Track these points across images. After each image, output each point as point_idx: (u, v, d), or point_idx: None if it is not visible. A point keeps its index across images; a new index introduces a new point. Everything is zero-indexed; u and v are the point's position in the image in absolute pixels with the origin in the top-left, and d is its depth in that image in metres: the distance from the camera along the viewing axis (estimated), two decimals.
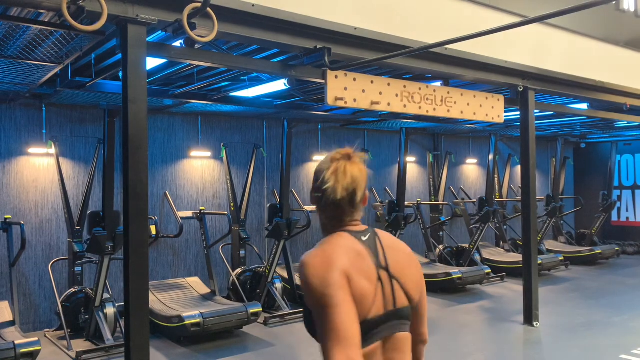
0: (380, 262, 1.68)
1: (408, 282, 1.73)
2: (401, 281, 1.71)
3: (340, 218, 1.74)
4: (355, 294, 1.57)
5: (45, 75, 5.75)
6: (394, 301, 1.68)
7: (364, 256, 1.66)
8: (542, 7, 6.04)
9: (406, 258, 1.78)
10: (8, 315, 6.25)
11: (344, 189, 1.69)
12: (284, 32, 4.68)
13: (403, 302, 1.70)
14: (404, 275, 1.72)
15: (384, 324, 1.65)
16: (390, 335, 1.67)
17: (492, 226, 11.76)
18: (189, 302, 7.23)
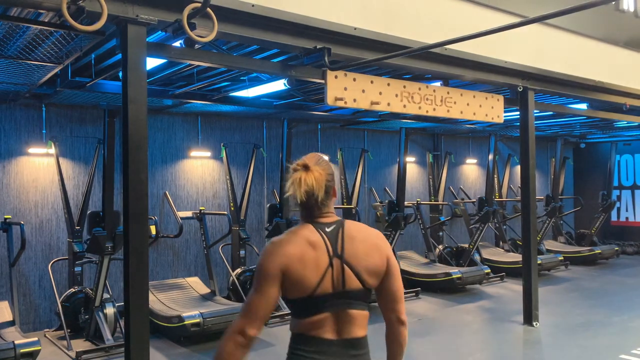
0: (336, 251, 2.01)
1: (362, 269, 2.02)
2: (354, 267, 2.01)
3: (310, 212, 2.08)
4: (291, 278, 1.97)
5: (45, 75, 5.75)
6: (343, 283, 2.00)
7: (317, 246, 2.00)
8: (541, 7, 6.04)
9: (366, 248, 2.05)
10: (8, 315, 6.25)
11: (303, 194, 2.00)
12: (284, 32, 4.69)
13: (353, 285, 2.01)
14: (359, 263, 2.02)
15: (332, 300, 1.99)
16: (341, 310, 2.01)
17: (492, 226, 11.77)
18: (189, 302, 7.23)
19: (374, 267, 2.06)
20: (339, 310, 2.02)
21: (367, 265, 2.04)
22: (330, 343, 2.02)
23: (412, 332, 6.86)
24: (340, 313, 2.02)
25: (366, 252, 2.05)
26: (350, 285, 2.01)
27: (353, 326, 2.05)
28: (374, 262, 2.06)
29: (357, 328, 2.06)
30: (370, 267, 2.05)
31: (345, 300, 2.02)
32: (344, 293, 2.01)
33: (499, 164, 12.22)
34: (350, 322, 2.04)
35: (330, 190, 2.10)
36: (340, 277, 2.00)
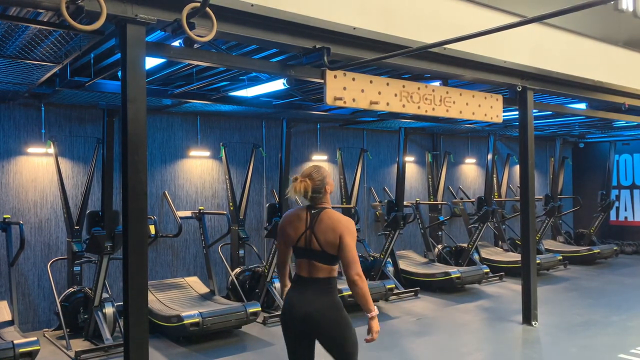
0: (309, 225, 3.35)
1: (321, 239, 3.28)
2: (317, 237, 3.30)
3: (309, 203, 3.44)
4: (285, 235, 3.46)
5: (44, 75, 5.75)
6: (310, 244, 3.32)
7: (301, 219, 3.38)
8: (541, 7, 6.04)
9: (326, 227, 3.29)
10: (7, 315, 6.25)
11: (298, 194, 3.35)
12: (283, 31, 4.69)
13: (315, 246, 3.29)
14: (320, 235, 3.29)
15: (304, 252, 3.35)
16: (310, 259, 3.33)
17: (491, 226, 11.78)
18: (188, 302, 7.23)
19: (329, 240, 3.26)
20: (308, 260, 3.34)
21: (325, 238, 3.27)
22: (304, 278, 3.37)
23: (411, 331, 6.90)
24: (310, 261, 3.33)
25: (325, 230, 3.29)
26: (313, 246, 3.30)
27: (316, 271, 3.31)
28: (329, 237, 3.27)
29: (319, 272, 3.31)
30: (327, 239, 3.27)
31: (310, 253, 3.32)
32: (309, 250, 3.32)
33: (498, 164, 12.23)
34: (315, 268, 3.31)
35: (322, 190, 3.39)
36: (309, 240, 3.32)
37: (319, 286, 3.30)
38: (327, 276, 3.30)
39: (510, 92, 7.29)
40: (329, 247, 3.25)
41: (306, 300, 3.28)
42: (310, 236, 3.30)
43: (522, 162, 7.27)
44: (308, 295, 3.29)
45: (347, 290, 7.61)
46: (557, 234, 13.31)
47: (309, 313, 3.26)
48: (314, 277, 3.31)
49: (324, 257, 3.28)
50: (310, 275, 3.32)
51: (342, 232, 3.24)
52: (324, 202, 3.39)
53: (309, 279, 3.32)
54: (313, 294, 3.29)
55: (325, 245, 3.25)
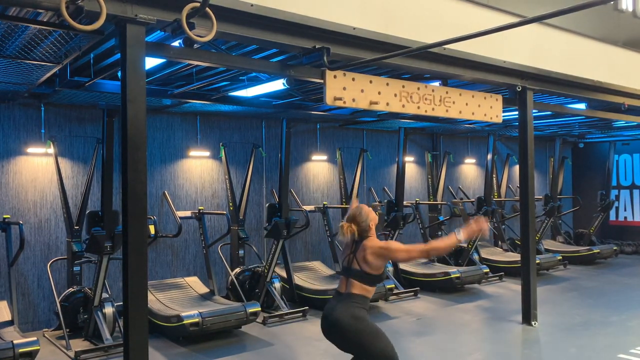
0: (352, 250, 3.87)
1: (360, 260, 3.78)
2: (357, 258, 3.80)
3: None
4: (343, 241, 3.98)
5: (44, 75, 5.75)
6: (350, 264, 3.84)
7: (349, 246, 3.92)
8: (540, 7, 6.05)
9: (364, 252, 3.78)
10: (7, 315, 6.24)
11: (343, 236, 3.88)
12: (283, 32, 4.69)
13: (355, 266, 3.80)
14: (359, 257, 3.79)
15: (345, 270, 3.89)
16: (348, 277, 3.83)
17: (491, 226, 11.77)
18: (188, 302, 7.23)
19: (366, 260, 3.76)
20: (347, 277, 3.85)
21: (363, 259, 3.78)
22: (340, 293, 3.85)
23: (411, 331, 6.90)
24: (347, 279, 3.83)
25: (363, 253, 3.80)
26: (353, 265, 3.82)
27: (351, 287, 3.78)
28: (366, 257, 3.77)
29: (353, 288, 3.77)
30: (364, 259, 3.77)
31: (350, 273, 3.82)
32: (349, 269, 3.84)
33: (498, 164, 12.23)
34: (351, 285, 3.79)
35: (367, 229, 3.85)
36: (350, 261, 3.85)
37: (349, 299, 3.74)
38: (359, 293, 3.75)
39: (510, 92, 7.29)
40: (368, 268, 3.74)
41: (333, 310, 3.77)
42: (353, 259, 3.83)
43: (522, 162, 7.28)
44: (337, 306, 3.75)
45: None
46: (557, 234, 13.31)
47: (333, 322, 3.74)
48: (348, 292, 3.77)
49: (361, 276, 3.76)
50: (345, 290, 3.80)
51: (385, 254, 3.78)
52: (368, 234, 3.87)
53: (344, 294, 3.79)
54: (341, 305, 3.73)
55: (364, 266, 3.75)
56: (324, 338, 3.80)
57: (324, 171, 10.18)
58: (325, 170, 10.20)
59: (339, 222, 9.70)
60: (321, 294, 7.92)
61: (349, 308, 3.69)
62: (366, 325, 3.68)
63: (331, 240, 9.18)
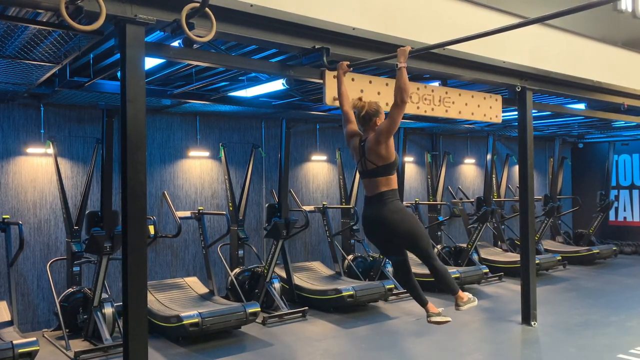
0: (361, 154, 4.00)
1: (372, 159, 3.92)
2: (369, 160, 3.93)
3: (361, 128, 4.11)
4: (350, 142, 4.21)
5: (43, 75, 5.75)
6: (366, 166, 3.96)
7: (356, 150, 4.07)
8: (540, 8, 6.05)
9: (372, 147, 3.89)
10: (6, 315, 6.24)
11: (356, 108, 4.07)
12: (283, 32, 4.69)
13: (370, 167, 3.92)
14: (370, 158, 3.92)
15: (363, 173, 4.02)
16: (370, 178, 3.96)
17: (490, 226, 11.78)
18: (188, 302, 7.23)
19: (377, 154, 3.86)
20: (369, 179, 3.97)
21: (373, 156, 3.88)
22: (369, 197, 4.00)
23: (410, 331, 6.90)
24: (369, 180, 3.97)
25: (370, 150, 3.91)
26: (369, 167, 3.93)
27: (377, 186, 3.92)
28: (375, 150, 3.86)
29: (379, 187, 3.91)
30: (375, 154, 3.87)
31: (370, 174, 3.95)
32: (367, 171, 3.96)
33: (498, 164, 12.23)
34: (375, 185, 3.94)
35: (373, 117, 3.96)
36: (365, 165, 3.98)
37: (381, 198, 3.92)
38: (387, 189, 3.90)
39: (510, 92, 7.29)
40: (379, 159, 3.87)
41: (375, 213, 3.94)
42: (365, 161, 3.95)
43: (522, 162, 7.28)
44: (376, 208, 3.93)
45: (346, 290, 7.63)
46: (557, 234, 13.31)
47: (377, 220, 3.95)
48: (377, 193, 3.93)
49: (378, 172, 3.91)
50: (373, 193, 3.95)
51: (378, 135, 3.84)
52: (370, 131, 3.97)
53: (373, 196, 3.95)
54: (376, 205, 3.92)
55: (376, 161, 3.88)
56: (323, 338, 3.81)
57: (323, 171, 10.18)
58: (325, 170, 10.20)
59: (339, 222, 9.80)
60: (321, 294, 7.92)
61: (385, 205, 3.88)
62: (407, 213, 3.97)
63: (331, 241, 9.18)
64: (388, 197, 3.91)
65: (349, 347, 6.33)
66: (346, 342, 6.55)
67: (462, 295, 4.11)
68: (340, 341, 6.57)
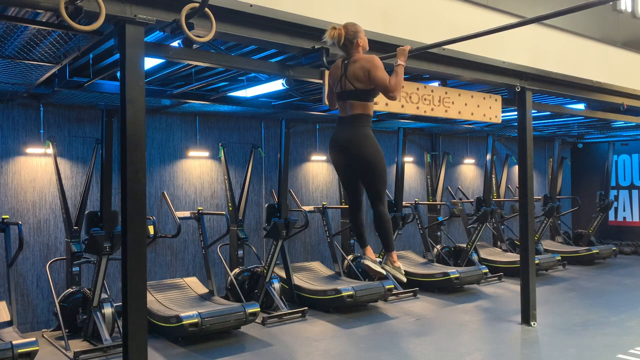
0: (343, 72, 3.81)
1: (353, 79, 3.73)
2: (349, 80, 3.75)
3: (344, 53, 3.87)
4: (330, 85, 4.01)
5: (42, 75, 5.75)
6: (345, 86, 3.79)
7: (338, 68, 3.87)
8: (539, 8, 6.06)
9: (357, 69, 3.72)
10: (6, 316, 6.24)
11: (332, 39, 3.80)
12: (282, 32, 4.69)
13: (349, 87, 3.76)
14: (351, 77, 3.74)
15: (341, 94, 3.83)
16: (346, 100, 3.80)
17: (490, 226, 11.79)
18: (187, 302, 7.23)
19: (359, 78, 3.71)
20: (344, 101, 3.82)
21: (356, 77, 3.72)
22: (342, 118, 3.85)
23: (410, 331, 6.90)
24: (345, 102, 3.82)
25: (355, 71, 3.73)
26: (347, 87, 3.77)
27: (352, 108, 3.78)
28: (359, 75, 3.70)
29: (354, 109, 3.77)
30: (357, 78, 3.72)
31: (347, 95, 3.79)
32: (345, 92, 3.79)
33: (497, 164, 12.24)
34: (351, 106, 3.78)
35: (353, 41, 3.78)
36: (344, 84, 3.79)
37: (355, 121, 3.79)
38: (361, 112, 3.77)
39: (509, 92, 7.29)
40: (360, 84, 3.72)
41: (344, 134, 3.82)
42: (345, 80, 3.78)
43: (521, 162, 7.28)
44: (346, 130, 3.81)
45: (346, 290, 7.63)
46: (556, 234, 13.31)
47: (344, 142, 3.82)
48: (350, 115, 3.80)
49: (356, 94, 3.76)
50: (347, 114, 3.82)
51: (369, 67, 3.68)
52: (354, 52, 3.81)
53: (347, 117, 3.82)
54: (350, 128, 3.79)
55: (356, 84, 3.73)
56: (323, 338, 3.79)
57: (323, 171, 10.18)
58: (325, 170, 10.20)
59: (339, 222, 9.80)
60: (320, 294, 7.92)
61: (357, 129, 3.77)
62: (376, 143, 3.82)
63: (330, 241, 9.18)
64: (362, 121, 3.78)
65: (349, 347, 6.33)
66: (346, 342, 6.55)
67: (395, 258, 3.94)
68: (340, 341, 6.58)
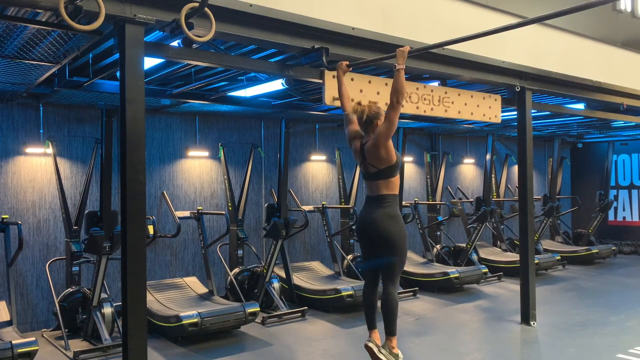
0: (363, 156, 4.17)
1: (372, 162, 4.07)
2: (370, 163, 4.08)
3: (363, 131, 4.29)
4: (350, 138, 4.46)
5: (42, 75, 5.74)
6: (367, 169, 4.12)
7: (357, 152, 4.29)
8: (539, 8, 6.06)
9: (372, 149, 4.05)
10: (5, 315, 6.24)
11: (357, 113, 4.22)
12: (282, 32, 4.69)
13: (372, 170, 4.09)
14: (370, 160, 4.07)
15: (365, 175, 4.19)
16: (372, 181, 4.14)
17: (490, 226, 11.78)
18: (187, 302, 7.23)
19: (377, 157, 4.02)
20: (371, 182, 4.17)
21: (373, 159, 4.04)
22: (369, 197, 4.18)
23: (409, 331, 6.90)
24: (371, 183, 4.17)
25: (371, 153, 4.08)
26: (370, 170, 4.11)
27: (378, 188, 4.11)
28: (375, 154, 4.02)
29: (380, 190, 4.10)
30: (375, 158, 4.02)
31: (371, 177, 4.14)
32: (369, 174, 4.14)
33: (497, 164, 12.24)
34: (377, 187, 4.12)
35: (374, 120, 4.12)
36: (366, 167, 4.15)
37: (382, 201, 4.08)
38: (387, 193, 4.07)
39: (509, 92, 7.29)
40: (381, 163, 4.02)
41: (371, 212, 4.10)
42: (367, 165, 4.11)
43: (521, 162, 7.28)
44: (373, 208, 4.09)
45: (345, 290, 7.63)
46: (556, 234, 13.32)
47: (369, 220, 4.10)
48: (377, 195, 4.10)
49: (380, 175, 4.06)
50: (373, 194, 4.12)
51: (377, 138, 3.98)
52: (371, 131, 4.11)
53: (374, 197, 4.11)
54: (377, 207, 4.07)
55: (378, 164, 4.03)
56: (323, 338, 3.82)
57: (323, 171, 10.18)
58: (324, 170, 10.20)
59: (338, 222, 9.80)
60: (320, 294, 7.92)
61: (382, 208, 4.04)
62: (400, 223, 4.09)
63: (330, 241, 9.18)
64: (387, 200, 4.06)
65: (349, 347, 6.33)
66: (345, 342, 6.55)
67: (395, 344, 4.16)
68: (340, 341, 6.58)
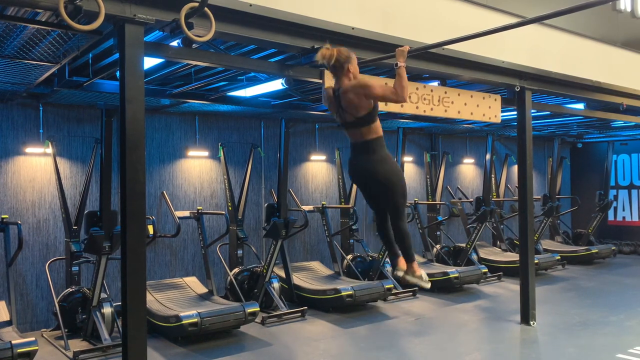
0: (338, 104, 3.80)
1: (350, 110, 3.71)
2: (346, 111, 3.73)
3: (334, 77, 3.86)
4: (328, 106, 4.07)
5: (42, 75, 5.74)
6: (344, 118, 3.79)
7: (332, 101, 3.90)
8: (539, 8, 6.05)
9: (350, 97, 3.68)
10: (5, 315, 6.24)
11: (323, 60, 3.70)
12: (282, 31, 4.69)
13: (349, 119, 3.75)
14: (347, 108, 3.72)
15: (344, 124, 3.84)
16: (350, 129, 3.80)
17: (489, 226, 11.78)
18: (187, 302, 7.23)
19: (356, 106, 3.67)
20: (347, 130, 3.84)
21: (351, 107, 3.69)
22: (353, 144, 3.85)
23: (409, 331, 6.90)
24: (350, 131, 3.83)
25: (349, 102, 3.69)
26: (348, 119, 3.76)
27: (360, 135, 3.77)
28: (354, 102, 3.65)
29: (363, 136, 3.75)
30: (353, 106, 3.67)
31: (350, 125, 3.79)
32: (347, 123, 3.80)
33: (497, 164, 12.24)
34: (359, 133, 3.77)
35: (344, 65, 3.70)
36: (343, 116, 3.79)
37: (367, 147, 3.78)
38: (371, 138, 3.75)
39: (509, 92, 7.29)
40: (359, 111, 3.68)
41: (360, 160, 3.84)
42: (344, 113, 3.76)
43: (521, 162, 7.28)
44: (361, 156, 3.82)
45: (345, 290, 7.63)
46: (555, 234, 13.32)
47: (362, 171, 3.85)
48: (362, 141, 3.78)
49: (360, 122, 3.73)
50: (357, 140, 3.80)
51: (365, 92, 3.62)
52: (343, 78, 3.74)
53: (358, 143, 3.81)
54: (364, 154, 3.81)
55: (355, 112, 3.69)
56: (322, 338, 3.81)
57: (322, 171, 10.18)
58: (324, 170, 10.20)
59: (338, 222, 9.80)
60: (320, 294, 7.92)
61: (370, 154, 3.78)
62: (392, 162, 3.85)
63: (330, 241, 9.18)
64: (373, 146, 3.78)
65: (348, 347, 6.33)
66: (345, 342, 6.55)
67: (417, 268, 3.94)
68: (340, 341, 6.58)
